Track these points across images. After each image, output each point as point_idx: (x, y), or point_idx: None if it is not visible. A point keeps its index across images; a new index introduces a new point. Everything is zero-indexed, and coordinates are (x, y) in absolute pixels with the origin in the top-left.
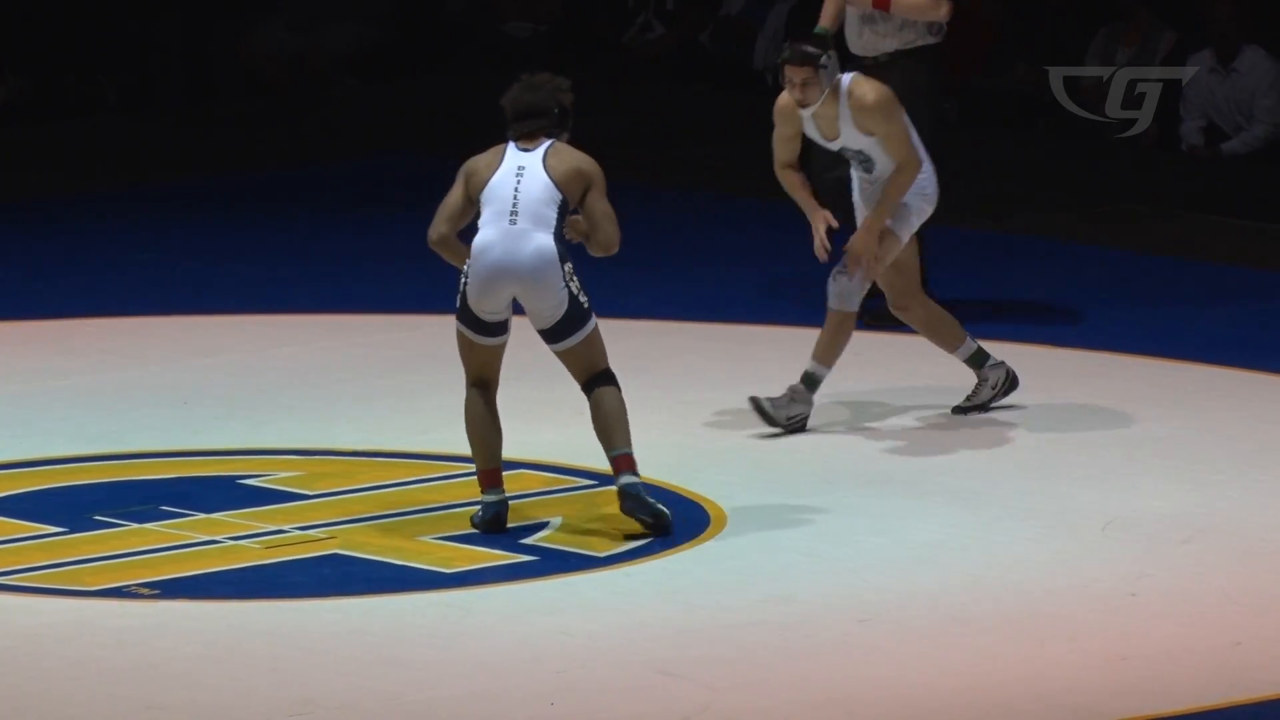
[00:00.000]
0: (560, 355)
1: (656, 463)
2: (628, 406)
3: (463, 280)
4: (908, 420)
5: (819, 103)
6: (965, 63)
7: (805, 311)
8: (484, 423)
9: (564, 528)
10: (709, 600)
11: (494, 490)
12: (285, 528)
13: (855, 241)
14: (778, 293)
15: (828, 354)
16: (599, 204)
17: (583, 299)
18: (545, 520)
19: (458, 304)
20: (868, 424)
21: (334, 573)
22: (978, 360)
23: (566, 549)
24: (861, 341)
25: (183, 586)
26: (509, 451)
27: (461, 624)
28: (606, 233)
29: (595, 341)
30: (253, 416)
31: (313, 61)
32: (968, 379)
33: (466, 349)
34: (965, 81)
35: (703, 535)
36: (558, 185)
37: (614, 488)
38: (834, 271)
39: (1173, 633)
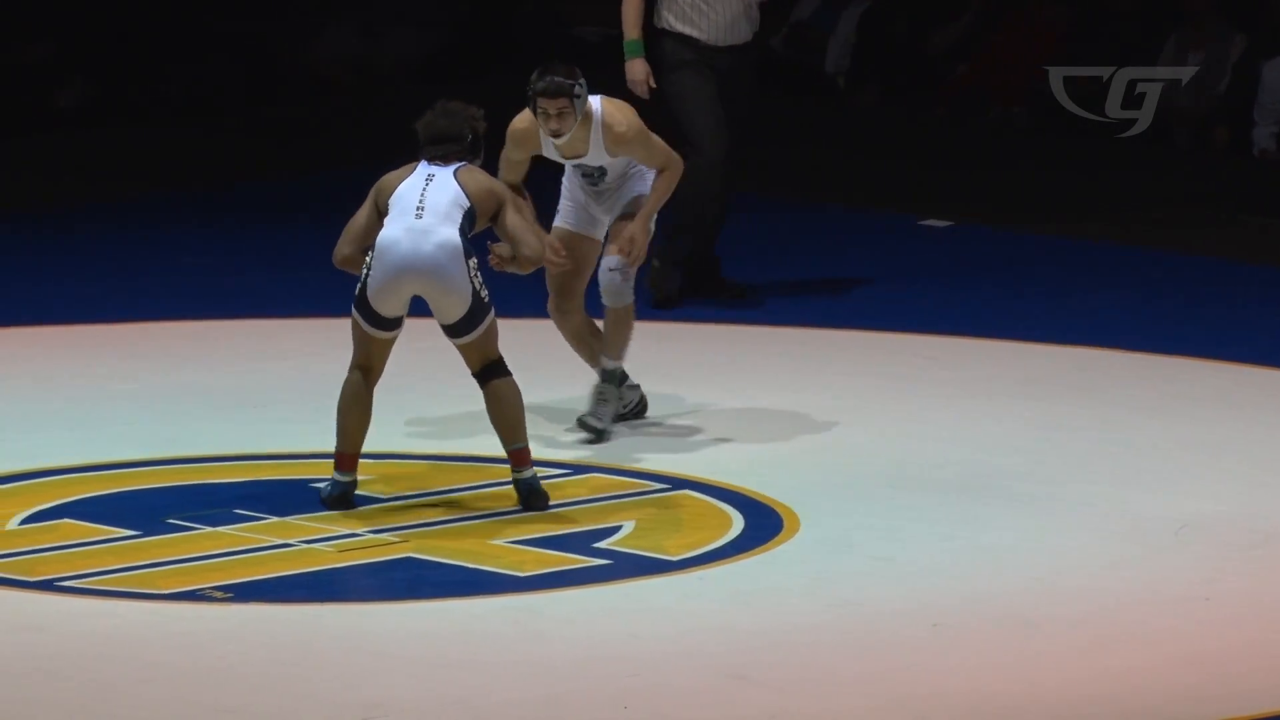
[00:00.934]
0: (459, 346)
1: (728, 467)
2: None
3: (365, 272)
4: (977, 424)
5: (571, 131)
6: (1034, 67)
7: (873, 315)
8: (357, 407)
9: (636, 532)
10: (780, 604)
11: (348, 473)
12: (358, 531)
13: (625, 241)
14: (845, 296)
15: (615, 349)
16: (514, 219)
17: (484, 293)
18: (618, 524)
19: (356, 292)
20: (937, 428)
21: (406, 576)
22: (616, 378)
23: (639, 553)
24: (931, 344)
25: (255, 590)
26: (583, 455)
27: (533, 628)
28: (530, 244)
29: (493, 331)
30: (325, 420)
31: (379, 65)
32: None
33: (360, 337)
34: (1034, 85)
35: (774, 540)
36: (468, 195)
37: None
38: (603, 269)
39: (1246, 637)
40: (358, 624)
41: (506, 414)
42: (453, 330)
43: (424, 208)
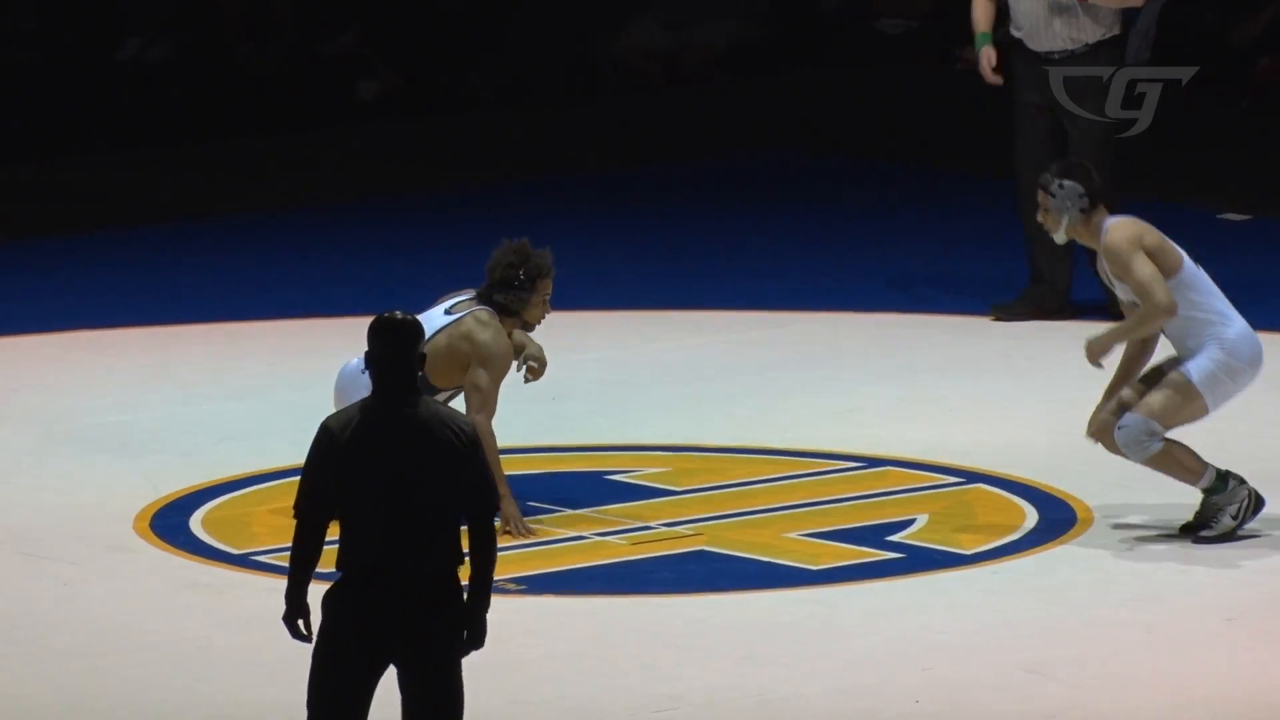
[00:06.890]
0: None
1: (1026, 461)
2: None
3: None
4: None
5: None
6: None
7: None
8: None
9: (930, 525)
10: (1075, 599)
11: None
12: (652, 524)
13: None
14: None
15: (1181, 477)
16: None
17: None
18: (911, 518)
19: None
20: (1241, 423)
21: (700, 569)
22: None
23: (933, 546)
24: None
25: (549, 582)
26: (876, 449)
27: (828, 621)
28: None
29: None
30: (621, 413)
31: (686, 58)
32: None
33: None
34: None
35: (1069, 534)
36: None
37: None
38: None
39: None
40: (652, 617)
41: None
42: None
43: None
